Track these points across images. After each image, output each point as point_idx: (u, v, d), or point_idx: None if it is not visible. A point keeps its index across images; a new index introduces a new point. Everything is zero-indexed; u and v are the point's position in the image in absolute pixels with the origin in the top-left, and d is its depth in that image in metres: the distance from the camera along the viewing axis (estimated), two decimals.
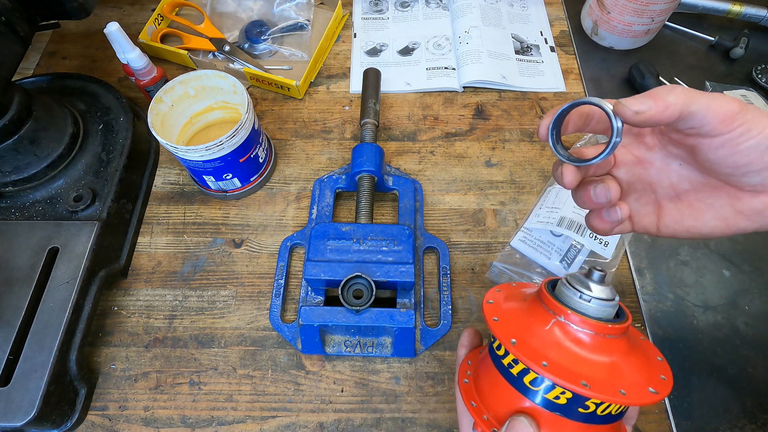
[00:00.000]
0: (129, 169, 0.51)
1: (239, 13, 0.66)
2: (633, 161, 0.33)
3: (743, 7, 0.65)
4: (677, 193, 0.32)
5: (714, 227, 0.30)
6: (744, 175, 0.28)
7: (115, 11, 0.69)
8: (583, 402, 0.25)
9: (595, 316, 0.26)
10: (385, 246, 0.46)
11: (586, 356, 0.25)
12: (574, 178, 0.30)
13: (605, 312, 0.26)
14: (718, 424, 0.43)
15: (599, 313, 0.26)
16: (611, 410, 0.26)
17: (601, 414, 0.25)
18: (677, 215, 0.31)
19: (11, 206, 0.48)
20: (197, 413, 0.44)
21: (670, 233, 0.32)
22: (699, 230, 0.31)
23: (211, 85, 0.51)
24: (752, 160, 0.27)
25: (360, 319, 0.43)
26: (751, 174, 0.28)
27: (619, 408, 0.26)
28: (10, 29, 0.43)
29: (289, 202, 0.55)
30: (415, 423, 0.43)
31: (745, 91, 0.59)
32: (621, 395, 0.24)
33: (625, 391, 0.24)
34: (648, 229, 0.33)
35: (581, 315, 0.26)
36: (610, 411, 0.26)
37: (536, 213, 0.52)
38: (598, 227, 0.32)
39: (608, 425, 0.26)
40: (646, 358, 0.27)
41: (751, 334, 0.47)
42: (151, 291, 0.50)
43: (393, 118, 0.60)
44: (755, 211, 0.29)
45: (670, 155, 0.32)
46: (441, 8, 0.69)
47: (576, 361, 0.25)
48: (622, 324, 0.26)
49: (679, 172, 0.32)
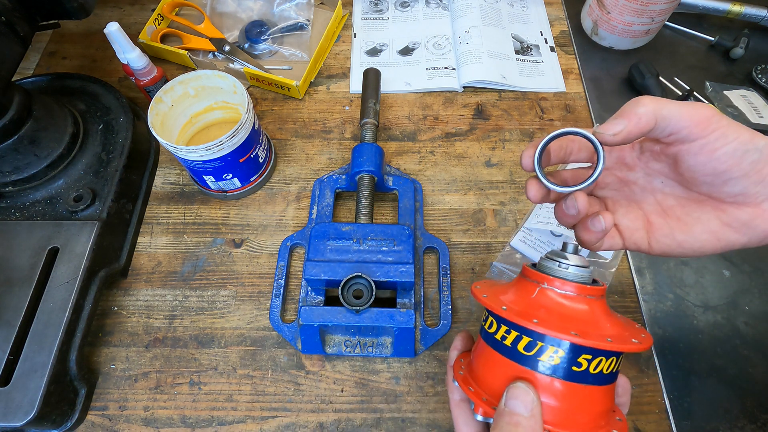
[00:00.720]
0: (129, 169, 0.51)
1: (239, 13, 0.66)
2: (616, 181, 0.35)
3: (743, 7, 0.65)
4: (664, 209, 0.33)
5: (705, 241, 0.31)
6: (724, 184, 0.29)
7: (115, 11, 0.69)
8: (575, 359, 0.27)
9: (575, 280, 0.29)
10: (385, 246, 0.46)
11: (572, 313, 0.28)
12: (537, 192, 0.32)
13: (583, 277, 0.30)
14: (718, 424, 0.43)
15: (577, 278, 0.29)
16: (602, 368, 0.27)
17: (594, 372, 0.27)
18: (667, 230, 0.32)
19: (11, 206, 0.48)
20: (197, 413, 0.44)
21: (663, 249, 0.32)
22: (691, 245, 0.31)
23: (211, 85, 0.51)
24: (730, 167, 0.28)
25: (360, 319, 0.43)
26: (730, 183, 0.29)
27: (610, 366, 0.27)
28: (10, 29, 0.43)
29: (289, 202, 0.55)
30: (415, 423, 0.43)
31: (745, 91, 0.59)
32: (608, 342, 0.26)
33: (611, 339, 0.26)
34: (639, 245, 0.33)
35: (562, 279, 0.29)
36: (602, 369, 0.27)
37: (536, 213, 0.52)
38: (585, 238, 0.33)
39: (601, 387, 0.27)
40: (625, 321, 0.30)
41: (751, 334, 0.47)
42: (151, 291, 0.50)
43: (393, 118, 0.60)
44: (742, 223, 0.29)
45: (651, 173, 0.33)
46: (441, 8, 0.69)
47: (563, 317, 0.28)
48: (601, 286, 0.30)
49: (662, 189, 0.33)
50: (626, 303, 0.48)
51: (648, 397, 0.44)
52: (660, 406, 0.44)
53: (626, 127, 0.28)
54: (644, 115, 0.27)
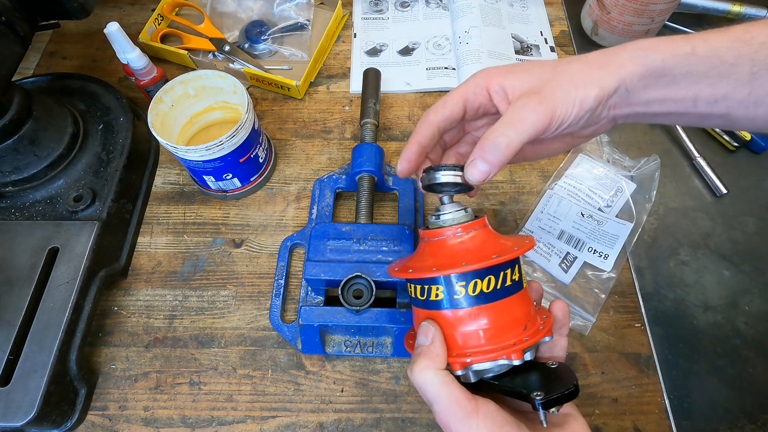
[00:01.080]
0: (129, 169, 0.51)
1: (239, 13, 0.66)
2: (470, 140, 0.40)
3: (743, 7, 0.65)
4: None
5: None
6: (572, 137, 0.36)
7: (115, 11, 0.69)
8: (453, 288, 0.31)
9: (445, 225, 0.33)
10: (385, 246, 0.46)
11: (444, 251, 0.32)
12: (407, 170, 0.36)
13: (455, 219, 0.33)
14: (718, 424, 0.43)
15: (455, 221, 0.33)
16: (482, 288, 0.31)
17: (473, 294, 0.31)
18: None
19: (11, 206, 0.48)
20: (197, 413, 0.44)
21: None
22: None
23: (211, 85, 0.50)
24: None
25: (360, 319, 0.43)
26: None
27: (490, 286, 0.31)
28: (10, 29, 0.43)
29: (289, 202, 0.55)
30: (415, 423, 0.43)
31: None
32: (463, 266, 0.30)
33: (466, 262, 0.30)
34: None
35: (436, 229, 0.33)
36: (482, 289, 0.31)
37: (537, 216, 0.52)
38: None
39: (491, 304, 0.31)
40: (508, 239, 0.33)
41: (751, 334, 0.47)
42: (151, 291, 0.50)
43: (393, 118, 0.60)
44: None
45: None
46: (441, 8, 0.69)
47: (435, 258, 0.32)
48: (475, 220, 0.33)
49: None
50: (626, 303, 0.48)
51: (648, 397, 0.44)
52: (660, 406, 0.44)
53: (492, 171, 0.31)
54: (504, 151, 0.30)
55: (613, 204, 0.52)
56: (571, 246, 0.49)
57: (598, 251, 0.49)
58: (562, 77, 0.30)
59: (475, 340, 0.31)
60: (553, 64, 0.32)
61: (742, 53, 0.28)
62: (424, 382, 0.29)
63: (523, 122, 0.30)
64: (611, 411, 0.43)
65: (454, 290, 0.31)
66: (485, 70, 0.33)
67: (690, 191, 0.54)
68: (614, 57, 0.30)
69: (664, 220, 0.53)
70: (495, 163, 0.30)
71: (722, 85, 0.29)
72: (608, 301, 0.48)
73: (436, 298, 0.31)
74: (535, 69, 0.32)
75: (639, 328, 0.47)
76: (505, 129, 0.30)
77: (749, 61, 0.28)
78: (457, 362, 0.30)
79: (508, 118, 0.30)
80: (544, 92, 0.30)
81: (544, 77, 0.31)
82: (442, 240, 0.33)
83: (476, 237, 0.33)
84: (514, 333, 0.31)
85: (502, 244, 0.32)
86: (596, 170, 0.53)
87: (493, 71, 0.33)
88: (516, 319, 0.31)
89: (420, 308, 0.33)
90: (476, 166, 0.30)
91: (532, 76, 0.31)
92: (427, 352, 0.30)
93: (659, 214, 0.53)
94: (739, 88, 0.29)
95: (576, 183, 0.53)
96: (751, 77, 0.29)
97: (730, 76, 0.29)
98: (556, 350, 0.34)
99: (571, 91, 0.30)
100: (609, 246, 0.49)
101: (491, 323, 0.31)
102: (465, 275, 0.31)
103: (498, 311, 0.31)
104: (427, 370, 0.29)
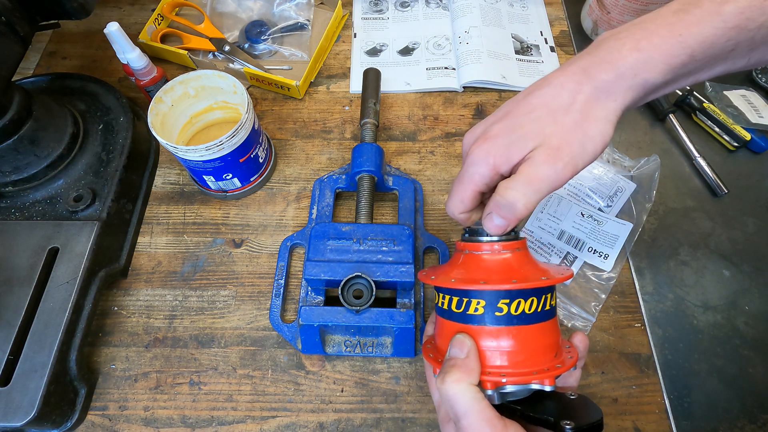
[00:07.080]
0: (129, 169, 0.51)
1: (239, 13, 0.66)
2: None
3: None
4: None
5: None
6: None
7: (115, 11, 0.69)
8: (495, 305, 0.30)
9: (489, 240, 0.33)
10: (385, 246, 0.46)
11: (487, 267, 0.32)
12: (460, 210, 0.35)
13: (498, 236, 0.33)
14: (718, 424, 0.43)
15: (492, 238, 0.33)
16: (524, 309, 0.30)
17: (516, 314, 0.30)
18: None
19: (11, 206, 0.48)
20: (197, 413, 0.44)
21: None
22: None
23: (211, 85, 0.50)
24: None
25: (360, 319, 0.43)
26: None
27: (532, 306, 0.30)
28: (10, 29, 0.43)
29: (289, 202, 0.55)
30: (415, 423, 0.43)
31: (745, 91, 0.59)
32: (513, 283, 0.29)
33: (516, 280, 0.30)
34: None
35: (479, 242, 0.33)
36: (524, 310, 0.30)
37: (537, 216, 0.52)
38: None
39: (529, 326, 0.30)
40: (546, 265, 0.33)
41: (751, 334, 0.47)
42: (151, 291, 0.50)
43: (393, 118, 0.60)
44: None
45: None
46: (441, 8, 0.69)
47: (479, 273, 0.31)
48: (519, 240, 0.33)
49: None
50: (626, 303, 0.48)
51: (648, 397, 0.44)
52: (660, 406, 0.44)
53: (510, 225, 0.31)
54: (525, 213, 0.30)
55: (613, 204, 0.52)
56: (571, 246, 0.50)
57: (598, 251, 0.49)
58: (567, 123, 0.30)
59: (509, 360, 0.30)
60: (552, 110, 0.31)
61: (741, 40, 0.28)
62: (455, 395, 0.28)
63: (542, 181, 0.29)
64: (611, 411, 0.43)
65: (497, 307, 0.30)
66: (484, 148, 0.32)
67: (690, 191, 0.54)
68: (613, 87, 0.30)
69: (664, 220, 0.53)
70: (512, 219, 0.30)
71: (721, 66, 0.30)
72: (608, 301, 0.48)
73: (476, 313, 0.31)
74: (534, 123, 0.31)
75: (639, 328, 0.47)
76: (522, 187, 0.30)
77: (748, 42, 0.28)
78: (489, 381, 0.29)
79: (526, 175, 0.30)
80: (561, 149, 0.30)
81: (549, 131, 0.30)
82: (486, 255, 0.32)
83: (519, 257, 0.32)
84: (547, 358, 0.30)
85: (543, 268, 0.32)
86: (596, 170, 0.53)
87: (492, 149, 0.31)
88: (548, 345, 0.31)
89: (451, 320, 0.32)
90: (492, 221, 0.31)
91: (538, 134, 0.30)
92: (462, 365, 0.29)
93: (659, 214, 0.53)
94: (737, 62, 0.30)
95: (576, 183, 0.53)
96: (750, 51, 0.29)
97: (728, 59, 0.30)
98: (570, 380, 0.34)
99: (587, 143, 0.30)
100: (609, 246, 0.49)
101: (527, 346, 0.30)
102: (510, 293, 0.30)
103: (534, 334, 0.30)
104: (460, 382, 0.28)
